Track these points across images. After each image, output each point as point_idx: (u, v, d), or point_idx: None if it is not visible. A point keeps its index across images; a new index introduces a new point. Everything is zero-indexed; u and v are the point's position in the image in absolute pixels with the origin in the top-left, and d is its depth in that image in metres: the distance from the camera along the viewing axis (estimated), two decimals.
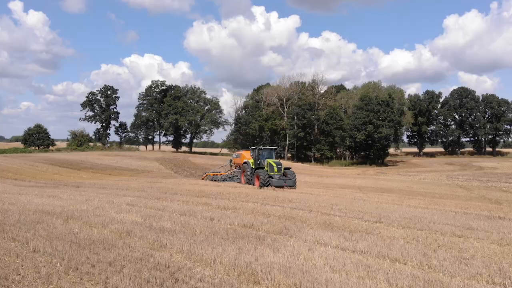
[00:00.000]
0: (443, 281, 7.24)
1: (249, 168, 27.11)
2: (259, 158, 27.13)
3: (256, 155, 27.23)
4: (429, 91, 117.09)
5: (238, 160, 30.36)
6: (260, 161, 26.94)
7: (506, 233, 11.77)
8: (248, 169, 27.18)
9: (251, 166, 27.13)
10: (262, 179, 24.79)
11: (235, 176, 30.17)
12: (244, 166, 27.98)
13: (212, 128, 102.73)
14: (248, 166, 27.29)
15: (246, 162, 27.77)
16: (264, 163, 26.55)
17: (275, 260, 8.13)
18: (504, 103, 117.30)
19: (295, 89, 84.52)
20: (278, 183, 24.43)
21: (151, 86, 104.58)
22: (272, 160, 26.28)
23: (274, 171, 25.26)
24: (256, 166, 26.77)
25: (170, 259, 8.16)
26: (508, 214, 15.66)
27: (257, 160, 27.05)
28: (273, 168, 25.39)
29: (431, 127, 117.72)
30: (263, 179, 24.67)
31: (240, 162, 29.87)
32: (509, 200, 21.48)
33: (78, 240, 9.29)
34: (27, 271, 7.30)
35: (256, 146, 29.96)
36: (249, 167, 27.19)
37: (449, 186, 30.80)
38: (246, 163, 27.68)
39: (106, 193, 19.33)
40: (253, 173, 26.51)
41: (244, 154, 29.89)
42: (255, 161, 27.15)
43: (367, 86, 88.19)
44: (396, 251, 9.12)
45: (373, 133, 68.36)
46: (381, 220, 13.18)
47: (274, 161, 26.10)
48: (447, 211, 15.90)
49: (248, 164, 27.41)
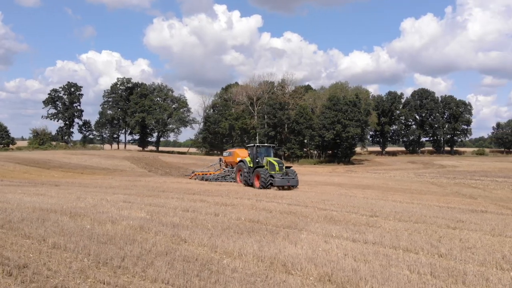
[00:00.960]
0: (458, 268, 7.76)
1: (247, 167, 25.32)
2: (257, 156, 25.50)
3: (254, 153, 25.60)
4: (391, 92, 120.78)
5: (231, 158, 28.81)
6: (258, 160, 25.32)
7: (494, 225, 12.57)
8: (245, 168, 25.37)
9: (248, 165, 25.38)
10: (263, 178, 23.04)
11: (227, 176, 28.68)
12: (241, 165, 26.26)
13: (180, 127, 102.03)
14: (245, 165, 25.50)
15: (243, 160, 26.11)
16: (262, 162, 24.98)
17: (297, 252, 8.44)
18: (462, 104, 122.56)
19: (264, 88, 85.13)
20: (281, 183, 22.80)
21: (117, 84, 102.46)
22: (272, 158, 24.70)
23: (275, 170, 23.53)
24: (255, 164, 25.14)
25: (195, 252, 8.31)
26: (488, 208, 16.65)
27: (256, 158, 25.42)
28: (274, 166, 23.68)
29: (393, 127, 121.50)
30: (265, 178, 22.98)
31: (233, 161, 28.29)
32: (482, 195, 22.73)
33: (96, 236, 9.26)
34: (58, 266, 7.27)
35: (255, 143, 28.56)
36: (247, 166, 25.38)
37: (421, 183, 32.12)
38: (243, 162, 25.96)
39: (93, 191, 19.04)
40: (251, 173, 24.80)
41: (237, 152, 28.71)
42: (253, 159, 25.53)
43: (335, 86, 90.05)
44: (405, 242, 9.63)
45: (341, 132, 70.01)
46: (376, 214, 13.75)
47: (275, 160, 24.50)
48: (432, 206, 16.72)
49: (245, 162, 25.64)
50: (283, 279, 6.90)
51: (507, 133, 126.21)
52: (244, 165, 25.50)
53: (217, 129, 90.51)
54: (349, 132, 68.93)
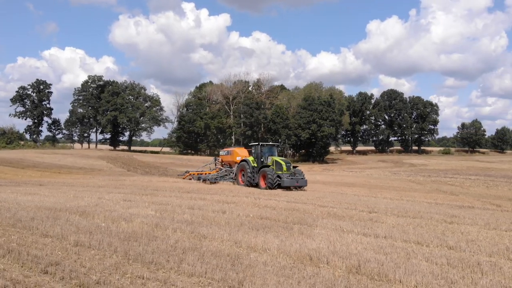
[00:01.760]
0: (471, 259, 8.24)
1: (250, 167, 24.07)
2: (262, 155, 24.35)
3: (259, 152, 24.44)
4: (362, 93, 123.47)
5: (229, 157, 27.70)
6: (263, 159, 24.17)
7: (486, 219, 13.28)
8: (249, 168, 24.08)
9: (252, 164, 24.20)
10: (270, 179, 21.94)
11: (225, 175, 27.47)
12: (243, 165, 24.86)
13: (153, 125, 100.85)
14: (249, 165, 24.24)
15: (246, 160, 24.90)
16: (267, 161, 23.91)
17: (319, 246, 8.73)
18: (429, 105, 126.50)
19: (240, 87, 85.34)
20: (290, 183, 21.76)
21: (87, 81, 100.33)
22: (279, 158, 23.72)
23: (282, 170, 22.47)
24: (260, 164, 24.02)
25: (220, 247, 8.49)
26: (474, 204, 17.51)
27: (260, 157, 24.25)
28: (281, 166, 22.63)
29: (364, 127, 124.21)
30: (272, 179, 21.89)
31: (231, 160, 27.28)
32: (462, 192, 23.77)
33: (115, 233, 9.29)
34: (90, 263, 7.31)
35: (259, 142, 26.55)
36: (250, 165, 24.15)
37: (400, 180, 33.16)
38: (246, 161, 24.69)
39: (85, 190, 18.77)
40: (256, 173, 23.62)
41: (237, 151, 27.67)
42: (257, 158, 24.36)
43: (310, 86, 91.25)
44: (413, 236, 10.11)
45: (316, 132, 71.09)
46: (374, 211, 14.26)
47: (282, 159, 23.53)
48: (421, 202, 17.43)
49: (248, 162, 24.43)
50: (315, 272, 7.17)
51: (471, 133, 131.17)
52: (248, 165, 24.30)
53: (192, 128, 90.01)
54: (324, 131, 70.17)
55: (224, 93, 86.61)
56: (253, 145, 25.86)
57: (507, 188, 28.64)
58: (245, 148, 28.77)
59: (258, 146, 24.82)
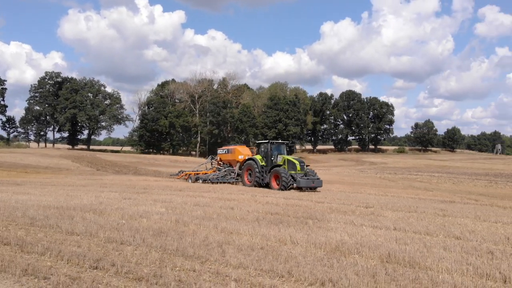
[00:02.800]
0: (482, 247, 8.96)
1: (259, 167, 22.82)
2: (272, 154, 23.03)
3: (268, 150, 23.13)
4: (322, 93, 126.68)
5: (229, 156, 26.46)
6: (274, 158, 22.93)
7: (473, 212, 14.27)
8: (257, 168, 22.80)
9: (260, 163, 22.96)
10: (284, 179, 20.71)
11: (226, 175, 26.06)
12: (250, 164, 23.54)
13: (114, 124, 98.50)
14: (257, 164, 22.95)
15: (253, 159, 23.60)
16: (277, 160, 22.73)
17: (343, 238, 9.20)
18: (385, 105, 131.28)
19: (206, 86, 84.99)
20: (306, 184, 20.61)
21: (45, 78, 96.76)
22: (292, 157, 22.69)
23: (296, 170, 21.41)
24: (270, 163, 22.79)
25: (252, 241, 8.76)
26: (453, 199, 18.66)
27: (270, 156, 22.92)
28: (295, 166, 21.56)
29: (324, 126, 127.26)
30: (286, 179, 20.72)
31: (232, 159, 26.13)
32: (434, 188, 25.15)
33: (142, 229, 9.35)
34: (134, 258, 7.41)
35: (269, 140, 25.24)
36: (258, 165, 22.89)
37: (371, 178, 34.46)
38: (253, 160, 23.41)
39: (72, 190, 18.36)
40: (266, 172, 22.53)
41: (238, 149, 26.29)
42: (267, 157, 23.07)
43: (275, 86, 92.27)
44: (420, 227, 10.79)
45: (282, 131, 72.18)
46: (369, 206, 14.93)
47: (295, 158, 22.47)
48: (405, 198, 18.38)
49: (256, 161, 23.16)
50: (352, 261, 7.61)
51: (424, 133, 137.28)
52: (256, 164, 22.99)
53: (155, 127, 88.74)
54: (290, 130, 71.41)
55: (189, 91, 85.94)
56: (262, 143, 24.68)
57: (472, 184, 30.53)
58: (246, 146, 28.21)
59: (268, 144, 23.63)
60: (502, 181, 34.56)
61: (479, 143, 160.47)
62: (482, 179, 35.77)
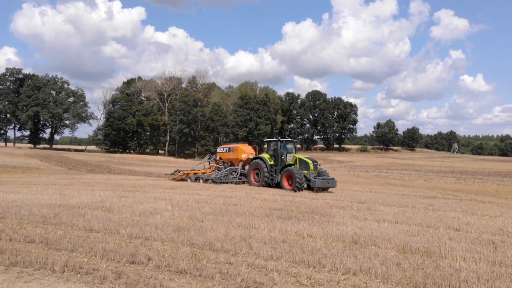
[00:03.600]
0: (482, 237, 9.60)
1: (267, 166, 21.84)
2: (282, 153, 21.97)
3: (278, 149, 22.04)
4: (289, 93, 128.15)
5: (231, 155, 25.44)
6: (284, 157, 21.87)
7: (458, 207, 15.13)
8: (266, 167, 21.84)
9: (269, 163, 21.97)
10: (298, 180, 19.70)
11: (228, 175, 24.65)
12: (257, 163, 22.48)
13: (78, 122, 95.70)
14: (265, 163, 21.94)
15: (260, 158, 22.48)
16: (287, 159, 21.75)
17: (356, 232, 9.61)
18: (349, 105, 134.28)
19: (176, 83, 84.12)
20: (322, 184, 19.63)
21: (5, 74, 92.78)
22: (303, 156, 21.66)
23: (309, 170, 20.42)
24: (280, 162, 21.77)
25: (272, 235, 9.04)
26: (433, 195, 19.59)
27: (281, 155, 21.86)
28: (308, 165, 20.57)
29: (291, 125, 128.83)
30: (300, 179, 19.72)
31: (234, 158, 25.22)
32: (410, 185, 26.22)
33: (160, 226, 9.45)
34: (166, 253, 7.56)
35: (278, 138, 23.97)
36: (267, 164, 21.88)
37: (346, 175, 35.40)
38: (261, 159, 22.32)
39: (59, 188, 17.90)
40: (276, 172, 21.63)
41: (241, 147, 25.32)
42: (276, 156, 21.97)
43: (245, 85, 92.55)
44: (420, 221, 11.40)
45: (253, 129, 72.60)
46: (361, 201, 15.52)
47: (307, 157, 21.47)
48: (390, 194, 19.14)
49: (264, 160, 22.08)
50: (373, 252, 8.03)
51: (386, 132, 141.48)
52: (264, 163, 22.00)
53: (122, 126, 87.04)
54: (261, 129, 71.94)
55: (158, 90, 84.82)
56: (271, 141, 23.32)
57: (442, 181, 32.04)
58: (248, 144, 27.28)
59: (278, 143, 22.48)
60: (469, 178, 36.37)
61: (435, 142, 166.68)
62: (449, 176, 37.47)
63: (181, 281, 6.19)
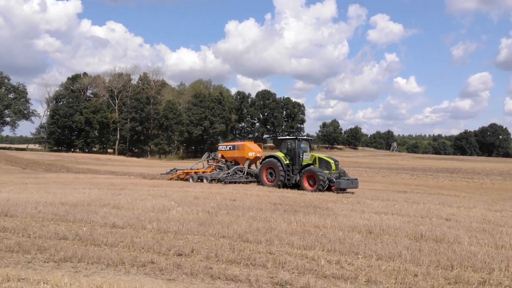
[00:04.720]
0: (474, 226, 10.60)
1: (283, 165, 20.61)
2: (299, 152, 20.74)
3: (296, 148, 20.81)
4: (240, 92, 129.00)
5: (236, 153, 24.16)
6: (302, 156, 20.65)
7: (435, 200, 16.26)
8: (281, 166, 20.61)
9: (285, 162, 20.77)
10: (321, 180, 18.64)
11: (234, 174, 23.21)
12: (271, 162, 21.10)
13: (20, 119, 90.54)
14: (281, 163, 20.68)
15: (275, 156, 21.20)
16: (304, 158, 20.61)
17: (365, 223, 10.25)
18: (297, 105, 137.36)
19: (126, 81, 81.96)
20: (346, 185, 18.64)
21: None
22: (324, 155, 20.83)
23: (331, 170, 19.40)
24: (298, 162, 20.53)
25: (293, 227, 9.53)
26: (404, 189, 20.94)
27: (298, 154, 20.65)
28: (329, 165, 19.57)
29: (242, 124, 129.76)
30: (323, 180, 18.66)
31: (240, 156, 24.00)
32: (374, 181, 27.62)
33: (181, 221, 9.64)
34: (204, 244, 7.86)
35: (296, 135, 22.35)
36: (283, 163, 20.64)
37: None
38: (276, 158, 20.99)
39: (38, 188, 17.36)
40: (293, 172, 20.47)
41: (247, 145, 24.21)
42: (294, 155, 20.72)
43: (198, 83, 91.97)
44: (412, 212, 12.30)
45: (208, 128, 72.49)
46: (347, 196, 16.44)
47: (327, 156, 20.53)
48: (370, 190, 20.23)
49: (280, 159, 20.79)
50: (391, 240, 8.74)
51: (331, 131, 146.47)
52: (279, 163, 20.73)
53: (68, 123, 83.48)
54: (216, 128, 71.99)
55: (107, 86, 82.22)
56: (287, 139, 21.79)
57: (399, 177, 34.03)
58: (253, 142, 26.21)
59: (295, 141, 21.11)
60: (420, 174, 38.75)
61: (374, 141, 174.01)
62: (402, 173, 39.72)
63: (241, 269, 6.52)
